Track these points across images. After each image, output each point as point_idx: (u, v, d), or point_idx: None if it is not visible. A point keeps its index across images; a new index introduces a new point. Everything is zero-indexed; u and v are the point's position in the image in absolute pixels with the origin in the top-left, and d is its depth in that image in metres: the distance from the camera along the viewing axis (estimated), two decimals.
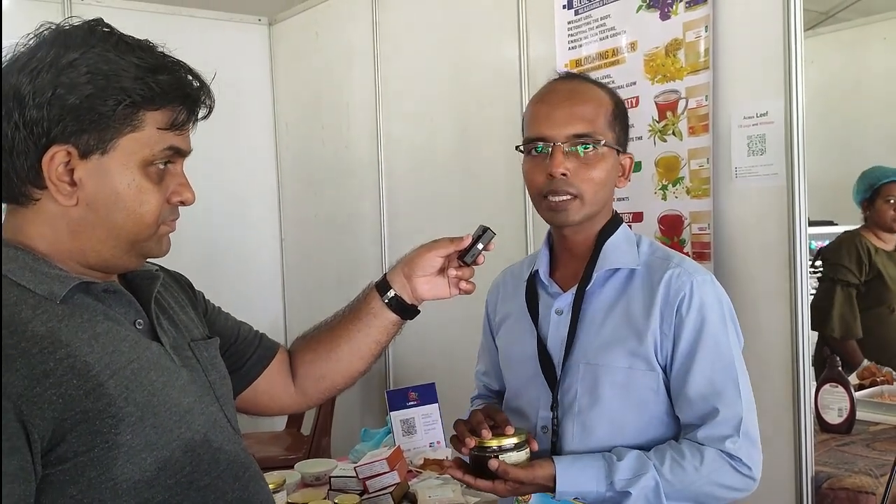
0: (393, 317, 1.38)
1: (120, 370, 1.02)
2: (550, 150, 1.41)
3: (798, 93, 2.01)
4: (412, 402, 2.45)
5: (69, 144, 1.01)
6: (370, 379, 4.02)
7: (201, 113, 1.11)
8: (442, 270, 1.38)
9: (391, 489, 2.00)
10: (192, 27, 3.99)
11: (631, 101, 2.38)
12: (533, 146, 1.44)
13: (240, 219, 4.27)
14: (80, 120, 1.00)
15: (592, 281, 1.45)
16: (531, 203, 2.91)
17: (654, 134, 2.38)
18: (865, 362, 3.04)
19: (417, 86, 3.35)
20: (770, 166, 2.11)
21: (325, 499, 1.91)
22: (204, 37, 3.97)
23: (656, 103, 2.37)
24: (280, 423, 4.08)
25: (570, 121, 1.40)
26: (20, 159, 1.01)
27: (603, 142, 1.41)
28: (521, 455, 1.36)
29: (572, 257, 1.51)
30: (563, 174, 1.39)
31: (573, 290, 1.47)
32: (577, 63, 2.60)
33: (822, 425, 2.47)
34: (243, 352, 1.37)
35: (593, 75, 2.00)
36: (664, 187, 2.40)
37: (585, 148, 1.41)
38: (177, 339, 1.17)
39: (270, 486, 1.85)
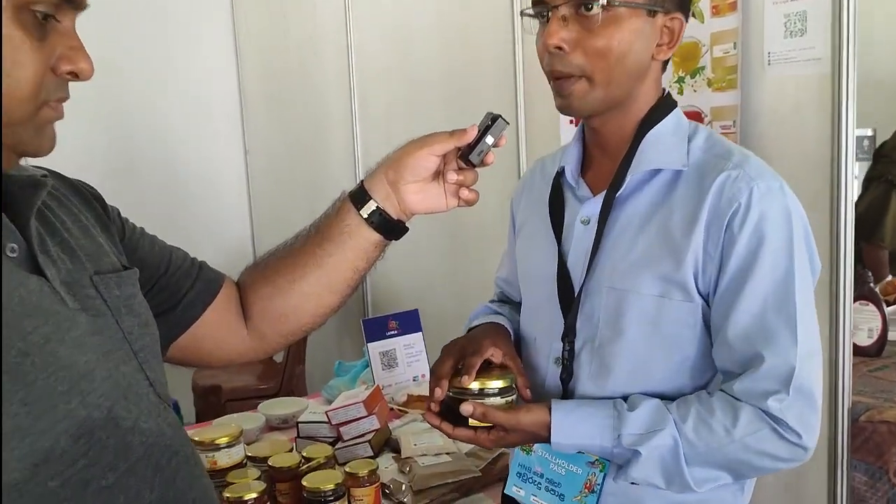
0: (374, 236, 1.05)
1: None
2: (548, 16, 1.09)
3: None
4: (392, 332, 2.15)
5: None
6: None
7: None
8: (437, 174, 1.06)
9: (370, 436, 1.72)
10: None
11: None
12: (537, 12, 1.12)
13: (200, 131, 3.97)
14: None
15: (625, 185, 1.13)
16: (524, 109, 2.70)
17: None
18: (889, 277, 2.78)
19: None
20: (811, 50, 1.78)
21: (290, 451, 1.63)
22: None
23: None
24: None
25: None
26: None
27: None
28: (507, 400, 1.13)
29: (605, 153, 1.19)
30: (559, 47, 1.07)
31: (603, 194, 1.16)
32: None
33: (853, 348, 2.21)
34: (176, 286, 1.04)
35: None
36: (681, 79, 2.07)
37: (589, 8, 1.06)
38: (72, 271, 0.84)
39: (223, 440, 1.56)
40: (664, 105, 1.16)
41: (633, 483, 1.08)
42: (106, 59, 3.01)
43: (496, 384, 1.11)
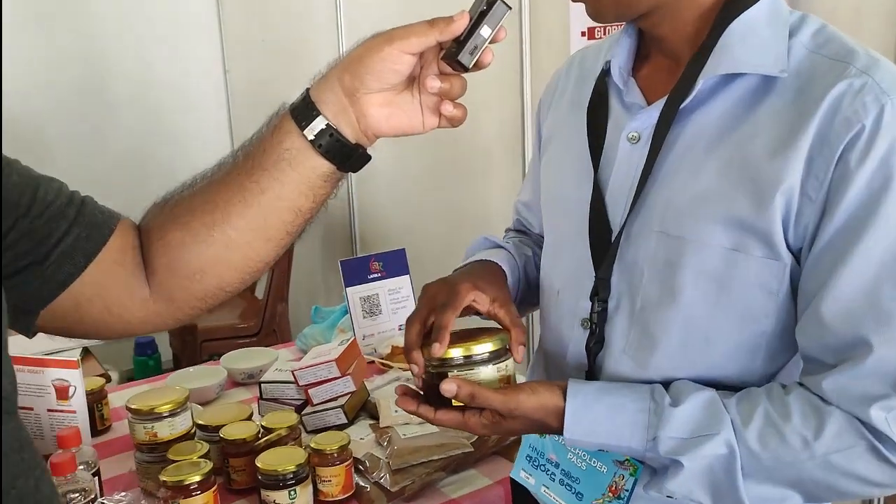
0: (322, 166, 0.76)
1: None
2: None
3: None
4: (375, 275, 1.87)
5: None
6: (332, 230, 3.49)
7: None
8: (412, 81, 0.77)
9: (343, 400, 1.46)
10: None
11: None
12: None
13: (176, 50, 3.67)
14: None
15: (695, 91, 0.82)
16: (529, 20, 2.38)
17: None
18: None
19: None
20: None
21: (250, 417, 1.37)
22: None
23: None
24: None
25: None
26: None
27: None
28: (502, 367, 0.87)
29: (666, 49, 0.89)
30: None
31: (661, 103, 0.86)
32: None
33: None
34: (46, 231, 0.74)
35: None
36: None
37: None
38: None
39: (164, 408, 1.31)
40: None
41: (668, 497, 0.83)
42: None
43: (484, 348, 0.86)
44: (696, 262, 0.82)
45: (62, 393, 1.31)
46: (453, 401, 0.84)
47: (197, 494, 1.18)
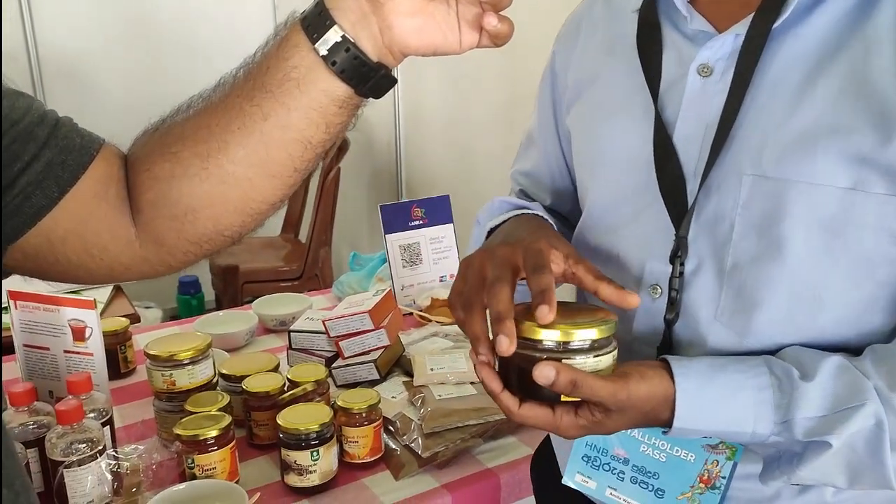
0: (338, 87, 0.63)
1: None
2: None
3: None
4: (417, 222, 1.76)
5: None
6: (378, 173, 3.36)
7: None
8: None
9: (376, 355, 1.36)
10: None
11: None
12: None
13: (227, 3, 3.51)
14: None
15: (791, 7, 0.69)
16: None
17: None
18: None
19: None
20: None
21: (276, 368, 1.29)
22: None
23: None
24: (275, 227, 3.48)
25: None
26: None
27: None
28: (604, 361, 0.69)
29: None
30: None
31: (740, 27, 0.73)
32: None
33: None
34: (13, 155, 0.62)
35: None
36: None
37: None
38: None
39: (184, 355, 1.22)
40: None
41: (794, 484, 0.71)
42: None
43: (587, 334, 0.68)
44: (805, 207, 0.69)
45: (78, 334, 1.23)
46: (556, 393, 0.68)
47: (213, 450, 1.10)
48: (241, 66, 0.66)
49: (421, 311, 1.68)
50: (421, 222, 1.75)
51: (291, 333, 1.44)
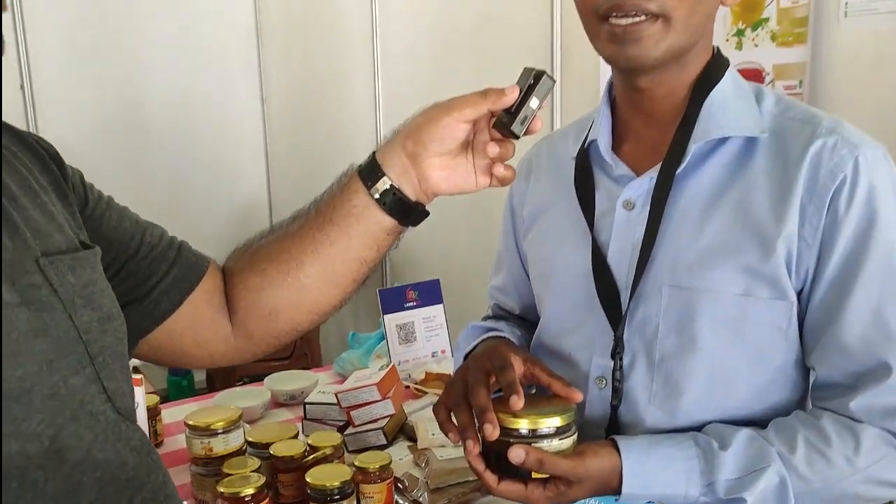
0: (386, 221, 0.86)
1: None
2: None
3: None
4: (411, 303, 1.97)
5: None
6: None
7: None
8: (466, 145, 0.86)
9: (383, 422, 1.55)
10: None
11: None
12: None
13: (215, 79, 3.77)
14: None
15: (688, 157, 0.92)
16: (560, 56, 2.47)
17: None
18: None
19: None
20: None
21: (295, 436, 1.47)
22: None
23: None
24: None
25: None
26: None
27: None
28: (565, 443, 0.88)
29: (649, 122, 0.98)
30: None
31: (652, 172, 0.95)
32: None
33: None
34: (149, 270, 0.86)
35: None
36: (740, 32, 1.86)
37: None
38: (13, 252, 0.66)
39: (220, 424, 1.40)
40: (719, 63, 0.96)
41: None
42: (115, 4, 2.82)
43: (552, 422, 0.86)
44: (711, 310, 0.90)
45: None
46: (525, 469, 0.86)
47: None
48: (311, 203, 0.89)
49: (416, 383, 1.87)
50: (415, 303, 1.97)
51: (307, 405, 1.63)
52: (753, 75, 1.84)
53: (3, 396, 0.60)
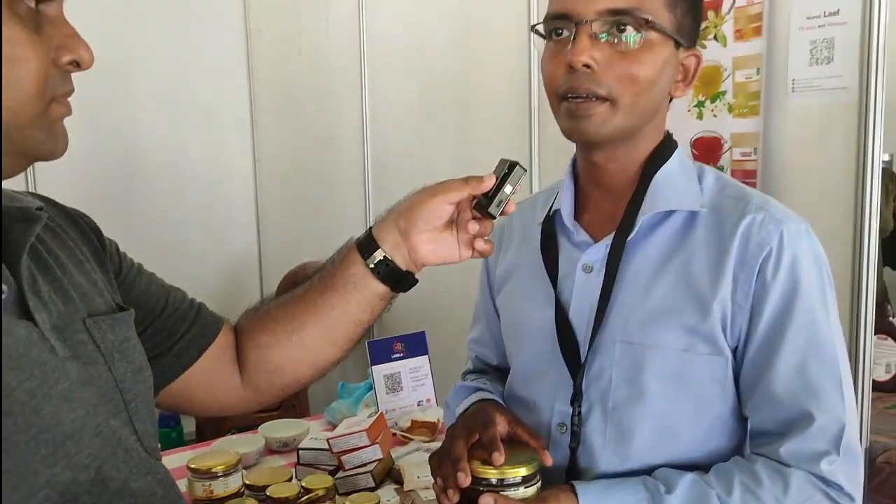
0: (380, 288, 0.99)
1: None
2: (574, 32, 1.00)
3: None
4: (398, 355, 2.09)
5: None
6: None
7: None
8: (450, 223, 1.00)
9: (372, 466, 1.66)
10: None
11: None
12: (553, 27, 1.03)
13: (208, 138, 3.90)
14: None
15: (637, 227, 1.05)
16: (538, 121, 2.63)
17: None
18: None
19: None
20: (838, 78, 1.73)
21: (290, 480, 1.57)
22: None
23: None
24: None
25: None
26: None
27: (650, 21, 0.99)
28: (530, 490, 0.99)
29: (606, 194, 1.11)
30: (587, 65, 0.98)
31: (608, 239, 1.08)
32: None
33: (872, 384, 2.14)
34: (172, 329, 0.98)
35: None
36: (700, 104, 2.03)
37: (620, 30, 0.99)
38: (64, 314, 0.78)
39: (220, 468, 1.51)
40: (668, 144, 1.10)
41: None
42: (110, 61, 2.95)
43: (519, 471, 0.98)
44: (657, 364, 1.02)
45: None
46: None
47: None
48: (314, 272, 1.02)
49: (403, 430, 1.98)
50: (401, 355, 2.09)
51: (300, 451, 1.73)
52: (713, 143, 2.00)
53: (62, 434, 0.72)
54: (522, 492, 0.98)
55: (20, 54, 0.69)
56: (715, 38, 1.95)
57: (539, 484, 1.00)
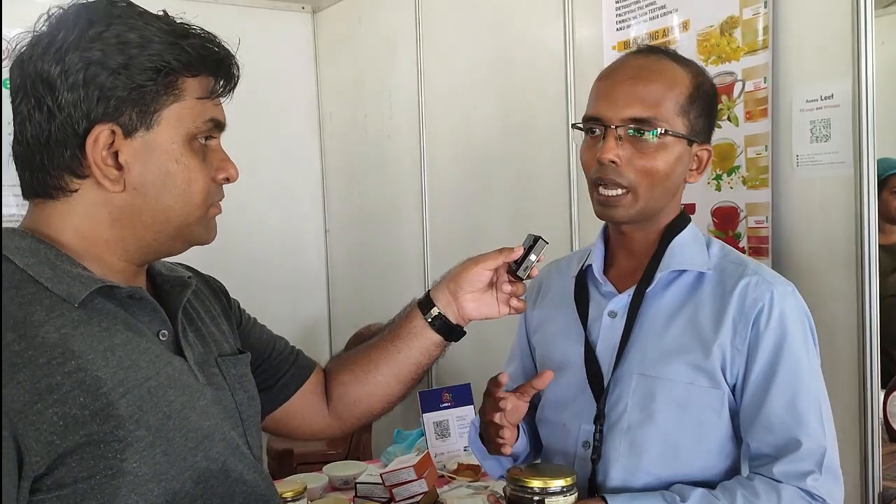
0: (436, 338, 1.25)
1: (134, 388, 0.91)
2: (604, 133, 1.25)
3: (868, 72, 1.81)
4: (446, 404, 2.33)
5: (112, 123, 0.92)
6: None
7: (233, 82, 1.03)
8: (490, 285, 1.26)
9: (418, 498, 1.89)
10: (234, 16, 3.88)
11: None
12: (588, 127, 1.29)
13: (285, 211, 4.20)
14: (120, 94, 0.91)
15: (655, 282, 1.29)
16: (577, 195, 2.86)
17: None
18: None
19: (460, 71, 3.22)
20: (835, 154, 1.93)
21: None
22: (246, 26, 3.87)
23: None
24: None
25: (629, 102, 1.24)
26: (58, 149, 0.92)
27: (665, 130, 1.23)
28: (570, 500, 1.16)
29: (630, 255, 1.35)
30: (613, 161, 1.23)
31: (630, 291, 1.31)
32: (625, 45, 2.44)
33: (889, 435, 2.26)
34: (277, 368, 1.26)
35: None
36: (718, 177, 2.23)
37: (640, 134, 1.23)
38: (203, 353, 1.06)
39: (289, 494, 1.76)
40: (683, 218, 1.34)
41: None
42: None
43: (559, 483, 1.15)
44: (666, 393, 1.24)
45: None
46: None
47: None
48: (386, 326, 1.30)
49: (450, 472, 2.20)
50: (449, 404, 2.32)
51: (357, 484, 1.98)
52: (731, 212, 2.21)
53: (201, 435, 0.97)
54: (563, 500, 1.15)
55: (194, 177, 0.98)
56: (729, 118, 2.18)
57: (577, 494, 1.18)
